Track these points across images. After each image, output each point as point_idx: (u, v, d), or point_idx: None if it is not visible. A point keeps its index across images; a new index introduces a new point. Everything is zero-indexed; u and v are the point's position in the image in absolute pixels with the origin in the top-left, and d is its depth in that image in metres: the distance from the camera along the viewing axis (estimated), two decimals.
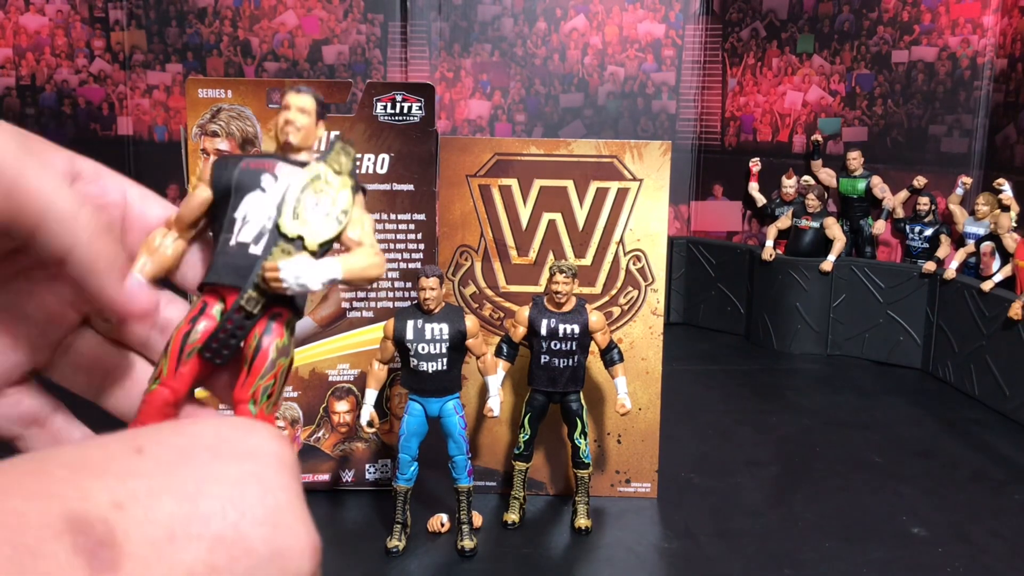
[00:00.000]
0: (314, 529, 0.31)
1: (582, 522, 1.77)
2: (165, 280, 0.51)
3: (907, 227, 3.03)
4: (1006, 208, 2.64)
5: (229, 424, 0.32)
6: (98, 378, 0.51)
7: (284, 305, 0.50)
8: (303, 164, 0.51)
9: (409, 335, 1.63)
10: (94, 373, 0.51)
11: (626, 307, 1.89)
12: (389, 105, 1.81)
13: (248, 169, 0.51)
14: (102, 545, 0.25)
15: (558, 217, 1.86)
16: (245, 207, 0.50)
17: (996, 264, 2.63)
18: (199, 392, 0.50)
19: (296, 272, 0.49)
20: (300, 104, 0.52)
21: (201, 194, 0.51)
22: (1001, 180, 2.67)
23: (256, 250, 0.49)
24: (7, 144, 0.41)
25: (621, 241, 1.87)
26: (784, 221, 3.19)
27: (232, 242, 0.49)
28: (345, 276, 0.50)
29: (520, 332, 1.74)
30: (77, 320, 0.50)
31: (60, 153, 0.47)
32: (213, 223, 0.51)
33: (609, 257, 1.87)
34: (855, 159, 3.09)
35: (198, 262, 0.52)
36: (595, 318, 1.74)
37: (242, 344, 0.49)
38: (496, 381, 1.71)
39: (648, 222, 1.86)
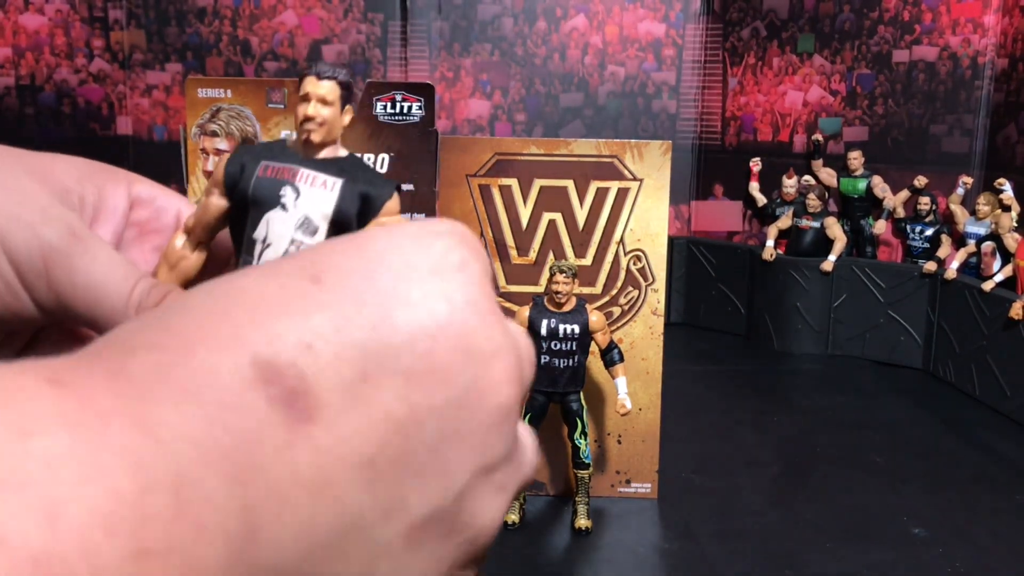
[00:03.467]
0: (516, 345, 0.28)
1: (582, 522, 1.77)
2: None
3: (908, 227, 3.03)
4: (1007, 208, 2.63)
5: (410, 236, 0.29)
6: None
7: None
8: (326, 166, 0.47)
9: None
10: None
11: (626, 307, 1.89)
12: (389, 105, 1.80)
13: (266, 179, 0.46)
14: (295, 393, 0.23)
15: (558, 217, 1.85)
16: (265, 226, 0.46)
17: (997, 264, 2.63)
18: None
19: None
20: (321, 94, 0.47)
21: (216, 203, 0.48)
22: (1002, 180, 2.66)
23: None
24: (57, 231, 0.40)
25: (621, 241, 1.86)
26: (785, 221, 3.19)
27: (253, 264, 0.46)
28: None
29: None
30: None
31: (118, 188, 0.46)
32: (233, 230, 0.48)
33: (609, 257, 1.87)
34: (856, 159, 3.08)
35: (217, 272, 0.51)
36: (595, 318, 1.73)
37: None
38: None
39: (648, 222, 1.86)
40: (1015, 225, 2.59)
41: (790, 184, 3.25)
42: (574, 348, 1.71)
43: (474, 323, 0.27)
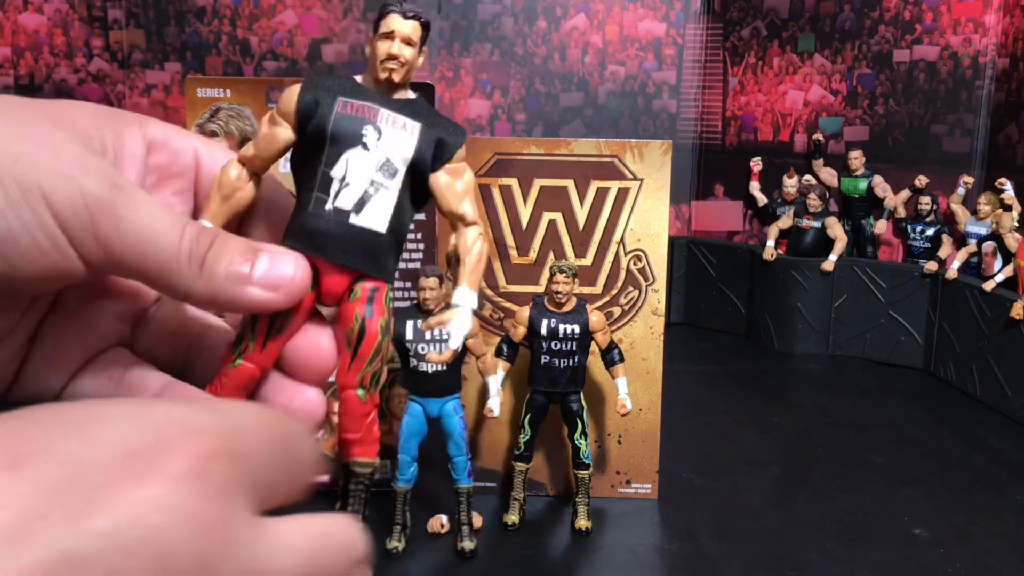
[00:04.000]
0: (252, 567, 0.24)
1: (582, 523, 1.77)
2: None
3: (908, 227, 3.02)
4: (1008, 208, 2.63)
5: (149, 426, 0.25)
6: (181, 349, 0.49)
7: (380, 276, 0.46)
8: (404, 108, 0.45)
9: (409, 335, 1.62)
10: (177, 344, 0.49)
11: (627, 307, 1.88)
12: None
13: (347, 116, 0.44)
14: None
15: (558, 217, 1.85)
16: (344, 164, 0.44)
17: (998, 264, 2.62)
18: None
19: (465, 331, 0.47)
20: (407, 33, 0.45)
21: (284, 134, 0.45)
22: (1003, 180, 2.66)
23: (358, 220, 0.44)
24: (99, 183, 0.38)
25: (622, 241, 1.86)
26: (785, 221, 3.18)
27: (329, 205, 0.44)
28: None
29: (520, 332, 1.74)
30: (156, 294, 0.48)
31: (133, 132, 0.45)
32: (298, 166, 0.46)
33: (609, 257, 1.87)
34: (856, 159, 3.08)
35: (269, 210, 0.48)
36: (595, 318, 1.73)
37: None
38: (496, 381, 1.71)
39: (649, 222, 1.85)
40: (1016, 225, 2.59)
41: (791, 184, 3.24)
42: (574, 348, 1.71)
43: (188, 546, 0.23)
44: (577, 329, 1.70)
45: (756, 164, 3.36)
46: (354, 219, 0.44)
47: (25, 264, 0.37)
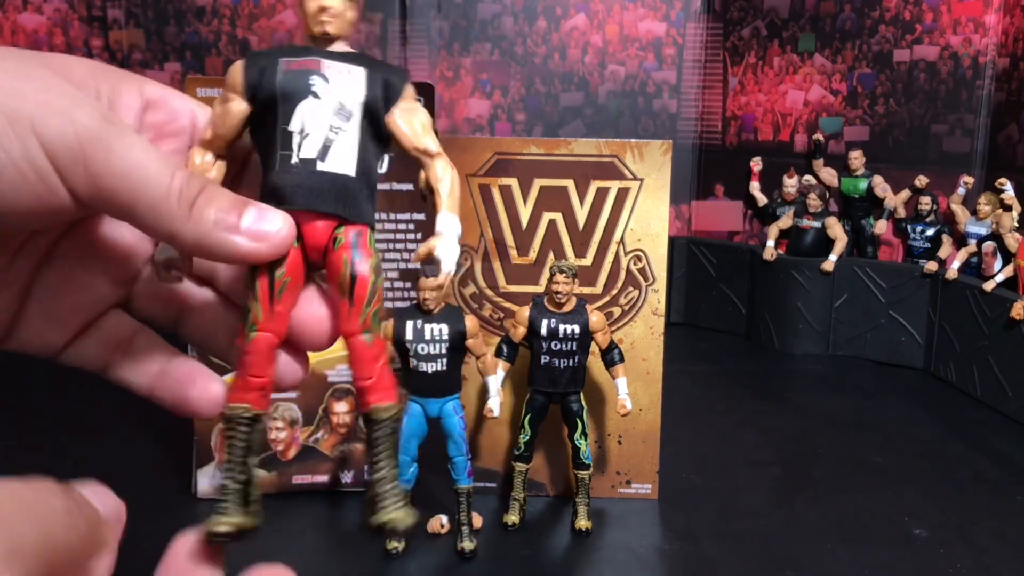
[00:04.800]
0: None
1: (582, 523, 1.76)
2: None
3: (909, 227, 3.02)
4: (1008, 208, 2.63)
5: None
6: (174, 308, 0.50)
7: (360, 220, 0.46)
8: (345, 57, 0.46)
9: (408, 335, 1.62)
10: (170, 302, 0.50)
11: (627, 307, 1.88)
12: None
13: (292, 72, 0.45)
14: None
15: (558, 217, 1.85)
16: (300, 117, 0.45)
17: (998, 264, 2.62)
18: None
19: (454, 254, 0.48)
20: None
21: (237, 107, 0.46)
22: (1003, 180, 2.66)
23: (325, 167, 0.44)
24: (91, 116, 0.38)
25: (622, 241, 1.86)
26: (785, 221, 3.18)
27: (294, 159, 0.44)
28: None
29: (520, 332, 1.73)
30: (148, 253, 0.49)
31: (131, 87, 0.45)
32: (256, 136, 0.47)
33: (610, 257, 1.86)
34: (856, 159, 3.08)
35: (240, 185, 0.48)
36: (595, 318, 1.73)
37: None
38: (496, 382, 1.71)
39: (649, 222, 1.85)
40: (1016, 225, 2.59)
41: (791, 184, 3.24)
42: (574, 348, 1.70)
43: None
44: (577, 329, 1.70)
45: (756, 164, 3.36)
46: (321, 165, 0.45)
47: (9, 195, 0.37)
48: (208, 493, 1.85)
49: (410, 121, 0.48)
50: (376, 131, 0.47)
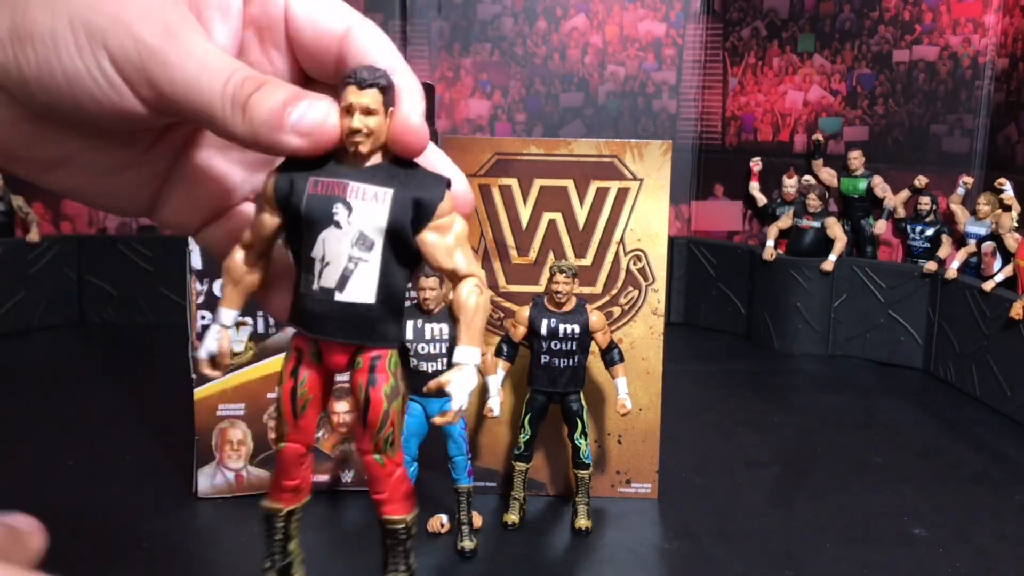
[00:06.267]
0: None
1: (582, 523, 1.77)
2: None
3: (908, 227, 3.02)
4: (1007, 208, 2.63)
5: None
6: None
7: (379, 344, 0.47)
8: (375, 175, 0.45)
9: (409, 335, 1.62)
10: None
11: (626, 307, 1.88)
12: None
13: (316, 196, 0.45)
14: None
15: (558, 217, 1.85)
16: (321, 246, 0.45)
17: (997, 264, 2.62)
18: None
19: (469, 391, 0.49)
20: (365, 104, 0.44)
21: (269, 220, 0.47)
22: (1002, 180, 2.66)
23: (343, 297, 0.45)
24: (152, 31, 0.41)
25: (621, 241, 1.86)
26: (785, 221, 3.18)
27: (315, 286, 0.46)
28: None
29: (520, 332, 1.74)
30: None
31: None
32: (290, 242, 0.48)
33: (609, 257, 1.87)
34: (856, 159, 3.08)
35: (280, 283, 0.51)
36: (595, 318, 1.73)
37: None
38: (496, 381, 1.71)
39: (648, 222, 1.85)
40: (1015, 225, 2.59)
41: (790, 184, 3.25)
42: (574, 348, 1.71)
43: None
44: (577, 329, 1.70)
45: (756, 164, 3.37)
46: (339, 296, 0.45)
47: (91, 104, 0.42)
48: (208, 493, 1.86)
49: (441, 241, 0.47)
50: (404, 250, 0.47)
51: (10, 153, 0.45)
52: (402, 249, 0.46)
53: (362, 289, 0.46)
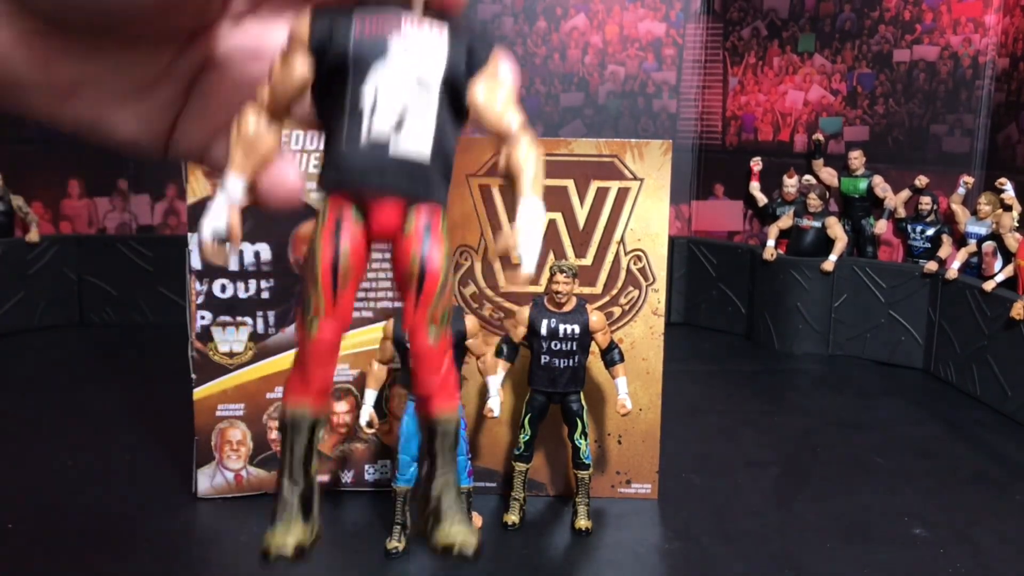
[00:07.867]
0: None
1: (582, 523, 1.77)
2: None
3: (909, 227, 3.02)
4: (1008, 208, 2.63)
5: None
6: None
7: (433, 199, 0.41)
8: (428, 10, 0.41)
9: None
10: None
11: (627, 307, 1.88)
12: None
13: (367, 34, 0.39)
14: None
15: (559, 217, 1.85)
16: (372, 88, 0.39)
17: (998, 264, 2.62)
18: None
19: (538, 245, 0.41)
20: None
21: (299, 72, 0.40)
22: (1003, 180, 2.66)
23: (398, 144, 0.40)
24: None
25: (622, 241, 1.86)
26: (785, 221, 3.18)
27: (364, 134, 0.39)
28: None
29: (520, 332, 1.74)
30: None
31: None
32: (320, 101, 0.41)
33: (610, 257, 1.87)
34: (856, 159, 3.08)
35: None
36: (595, 318, 1.73)
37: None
38: (496, 381, 1.71)
39: (649, 222, 1.85)
40: (1016, 225, 2.59)
41: (791, 184, 3.25)
42: (574, 348, 1.71)
43: None
44: (577, 329, 1.70)
45: (756, 164, 3.36)
46: (394, 142, 0.40)
47: None
48: (208, 493, 1.86)
49: (493, 96, 0.42)
50: (456, 104, 0.42)
51: (25, 79, 0.42)
52: (455, 100, 0.41)
53: (418, 140, 0.40)
